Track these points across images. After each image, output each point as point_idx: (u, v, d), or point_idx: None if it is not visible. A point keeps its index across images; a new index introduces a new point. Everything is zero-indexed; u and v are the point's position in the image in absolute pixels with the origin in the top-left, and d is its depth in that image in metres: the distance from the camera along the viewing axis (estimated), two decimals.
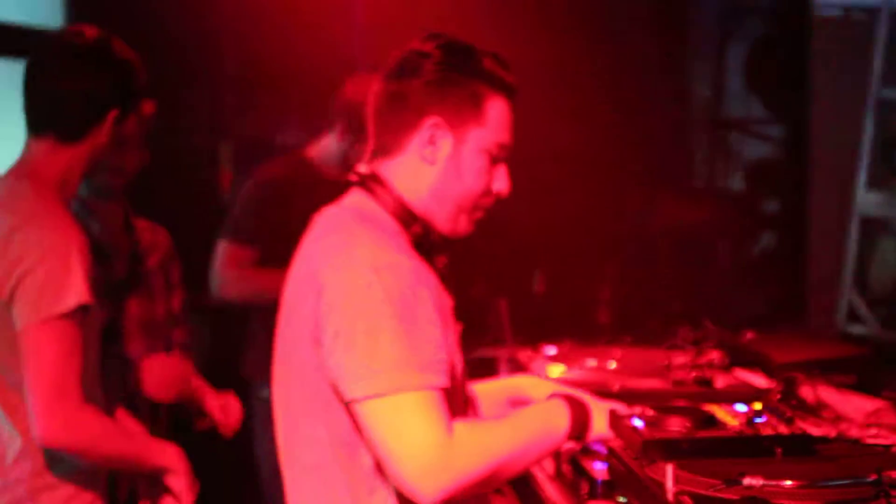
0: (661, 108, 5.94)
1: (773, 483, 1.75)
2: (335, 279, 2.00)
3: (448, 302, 2.16)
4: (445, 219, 2.19)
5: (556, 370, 2.83)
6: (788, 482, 1.77)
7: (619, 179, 5.45)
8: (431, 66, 2.15)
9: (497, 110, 2.18)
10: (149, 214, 3.37)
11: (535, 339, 3.29)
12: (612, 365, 2.86)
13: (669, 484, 1.79)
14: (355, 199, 2.20)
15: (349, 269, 2.00)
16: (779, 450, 1.92)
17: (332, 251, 2.06)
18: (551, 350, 3.11)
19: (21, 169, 2.68)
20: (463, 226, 2.22)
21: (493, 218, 2.26)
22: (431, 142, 2.15)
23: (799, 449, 1.93)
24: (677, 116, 6.31)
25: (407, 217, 2.16)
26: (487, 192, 2.21)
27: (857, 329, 5.19)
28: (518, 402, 2.46)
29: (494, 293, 3.74)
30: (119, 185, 3.22)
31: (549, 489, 2.43)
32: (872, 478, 1.80)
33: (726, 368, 2.87)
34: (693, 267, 5.48)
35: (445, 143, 2.16)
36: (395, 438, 1.94)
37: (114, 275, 3.03)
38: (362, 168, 2.22)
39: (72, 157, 2.66)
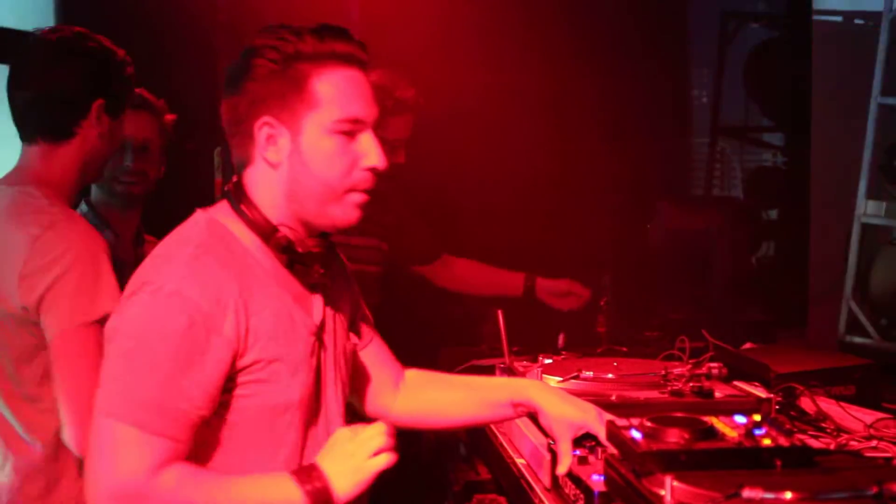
0: (661, 115, 5.92)
1: (773, 495, 1.72)
2: (127, 293, 2.02)
3: (306, 321, 2.11)
4: (316, 215, 2.11)
5: (553, 381, 2.80)
6: (788, 494, 1.74)
7: (618, 187, 5.43)
8: (250, 65, 2.07)
9: (330, 86, 2.07)
10: (143, 220, 3.35)
11: (531, 349, 3.27)
12: (609, 375, 2.83)
13: (668, 496, 1.76)
14: (218, 209, 2.15)
15: (137, 289, 2.00)
16: (778, 462, 1.89)
17: (146, 262, 2.07)
18: (548, 360, 3.08)
19: (20, 176, 2.64)
20: (340, 215, 2.11)
21: (490, 227, 2.23)
22: (271, 142, 2.07)
23: (799, 461, 1.90)
24: (677, 124, 6.29)
25: (266, 229, 2.08)
26: (349, 172, 2.09)
27: (857, 339, 5.16)
28: (520, 405, 2.43)
29: (491, 303, 3.71)
30: (139, 193, 3.22)
31: (546, 502, 2.40)
32: (873, 490, 1.76)
33: (725, 379, 2.84)
34: (692, 276, 5.46)
35: (284, 140, 2.07)
36: (96, 460, 1.94)
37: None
38: (235, 178, 2.16)
39: (66, 157, 2.63)
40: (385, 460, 2.00)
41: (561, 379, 2.80)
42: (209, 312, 1.96)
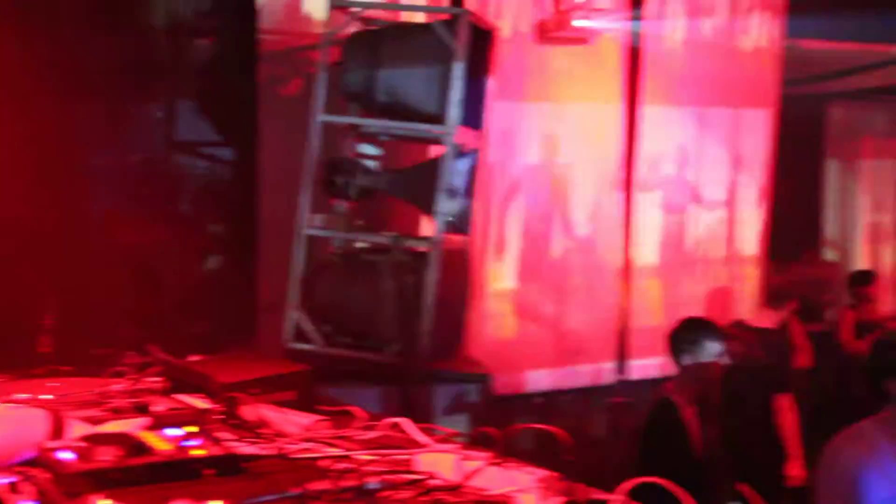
0: (114, 129, 5.83)
1: None
2: None
3: None
4: None
5: None
6: (218, 503, 1.78)
7: (63, 201, 5.27)
8: None
9: None
10: None
11: None
12: (48, 396, 2.75)
13: None
14: None
15: None
16: (208, 471, 1.93)
17: None
18: None
19: None
20: None
21: None
22: None
23: (227, 468, 1.95)
24: (130, 137, 6.23)
25: None
26: None
27: (303, 346, 5.38)
28: None
29: None
30: None
31: None
32: (297, 490, 1.85)
33: (167, 393, 2.86)
34: (142, 291, 5.42)
35: None
36: None
37: None
38: None
39: None
40: None
41: None
42: None
